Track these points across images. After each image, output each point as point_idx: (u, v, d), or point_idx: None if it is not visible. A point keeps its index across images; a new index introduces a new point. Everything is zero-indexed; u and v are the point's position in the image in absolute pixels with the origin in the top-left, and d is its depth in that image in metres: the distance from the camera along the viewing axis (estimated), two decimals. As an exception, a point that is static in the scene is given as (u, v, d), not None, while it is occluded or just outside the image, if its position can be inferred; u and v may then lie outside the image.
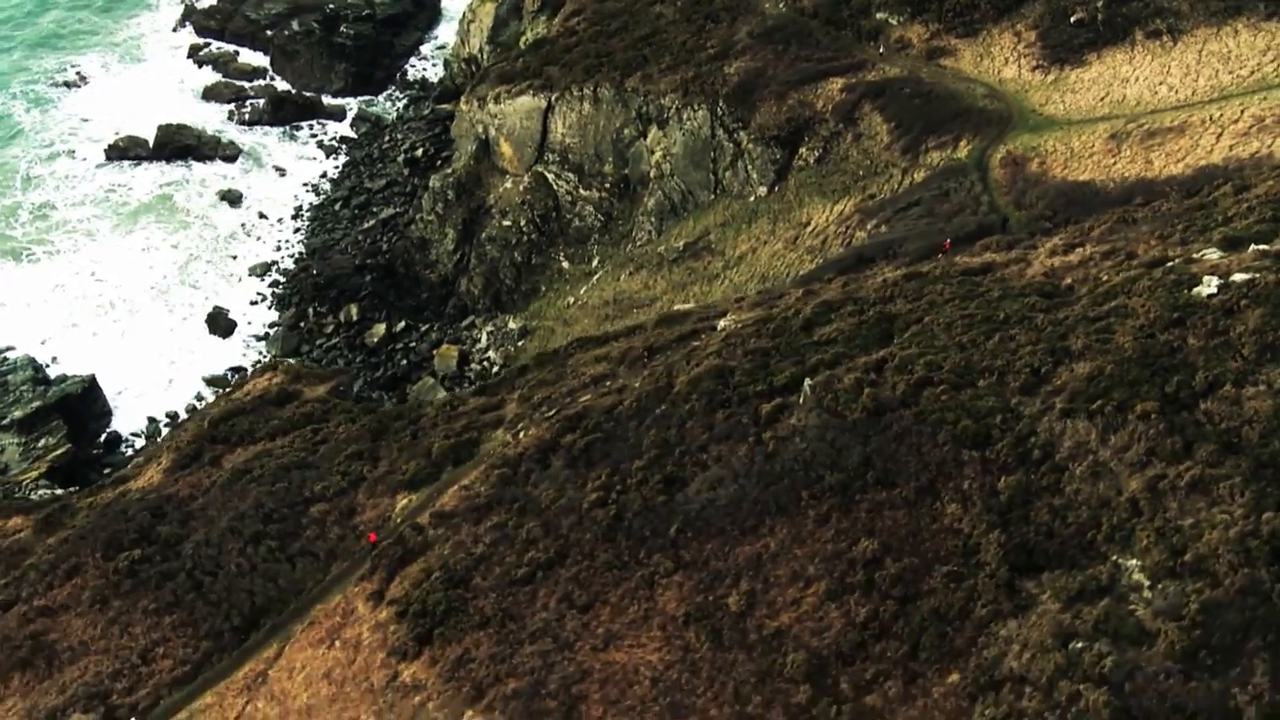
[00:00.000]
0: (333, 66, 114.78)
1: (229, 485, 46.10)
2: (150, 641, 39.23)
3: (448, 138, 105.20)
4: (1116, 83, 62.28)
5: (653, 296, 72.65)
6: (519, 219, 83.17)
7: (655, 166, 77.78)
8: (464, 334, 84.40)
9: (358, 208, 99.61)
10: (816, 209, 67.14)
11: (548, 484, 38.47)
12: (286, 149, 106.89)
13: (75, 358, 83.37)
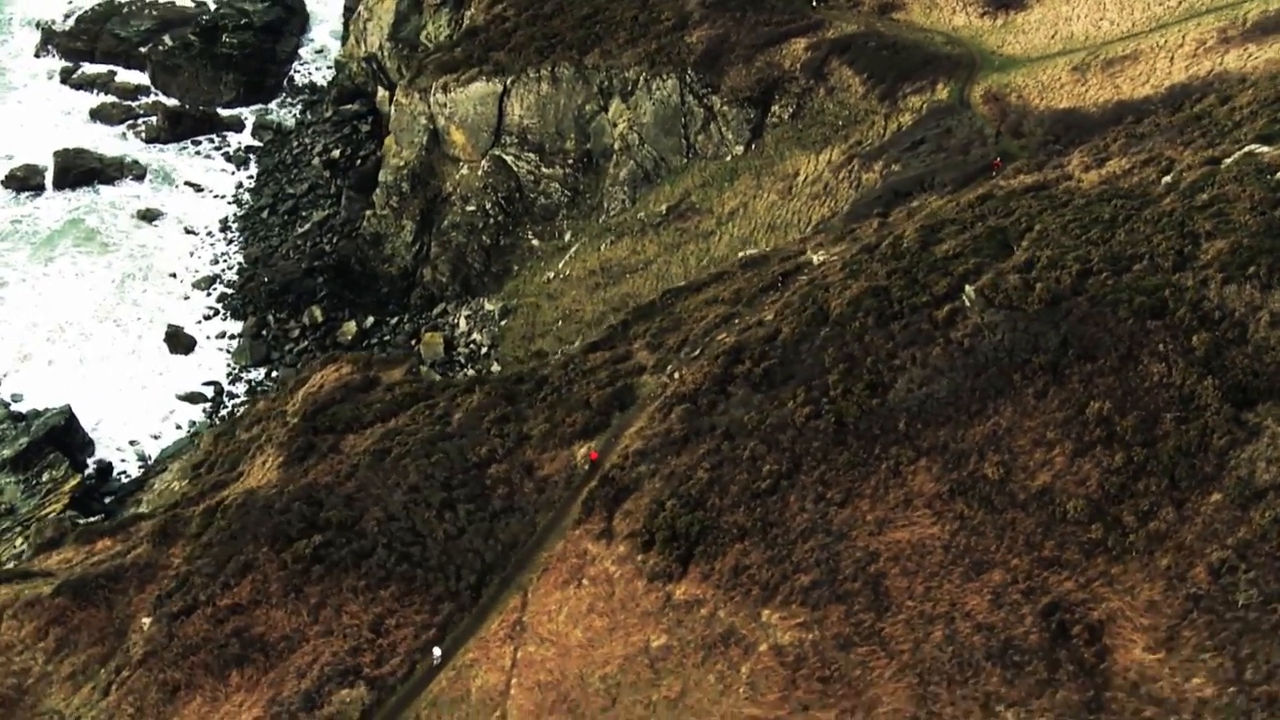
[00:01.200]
0: (220, 78, 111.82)
1: (375, 465, 46.72)
2: (375, 616, 39.97)
3: (360, 137, 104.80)
4: (1061, 21, 69.21)
5: (645, 260, 75.48)
6: (483, 202, 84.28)
7: (620, 138, 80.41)
8: (438, 321, 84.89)
9: (286, 214, 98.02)
10: (800, 160, 71.49)
11: (741, 410, 41.33)
12: (193, 164, 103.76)
13: (37, 390, 79.69)
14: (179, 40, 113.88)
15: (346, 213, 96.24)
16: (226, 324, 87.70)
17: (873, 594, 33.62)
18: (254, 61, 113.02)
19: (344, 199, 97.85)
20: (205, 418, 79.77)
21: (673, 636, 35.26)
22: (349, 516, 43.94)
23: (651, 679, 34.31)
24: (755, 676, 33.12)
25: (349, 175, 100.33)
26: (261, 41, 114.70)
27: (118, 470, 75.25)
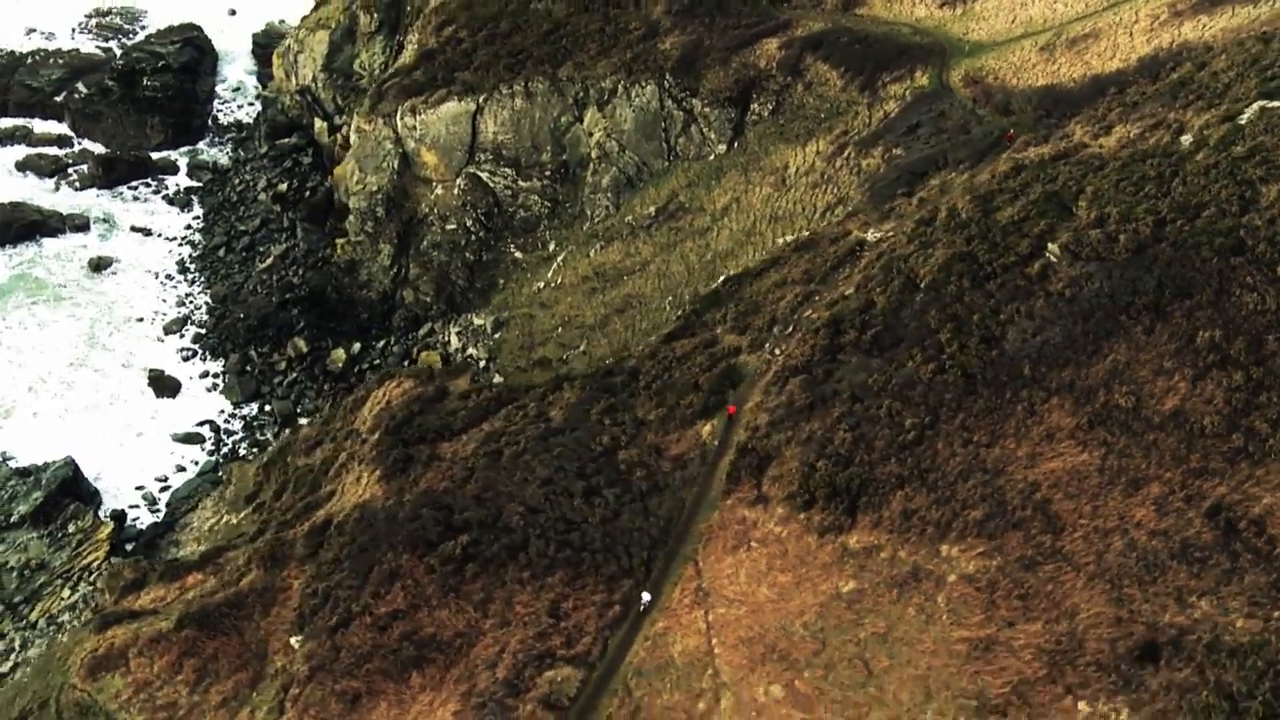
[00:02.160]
0: (145, 121, 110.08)
1: (493, 466, 48.29)
2: (549, 602, 41.68)
3: (303, 169, 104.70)
4: (1017, 7, 74.98)
5: (642, 261, 78.13)
6: (463, 220, 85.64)
7: (597, 146, 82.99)
8: (429, 341, 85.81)
9: (244, 251, 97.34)
10: (787, 154, 75.35)
11: (861, 374, 44.61)
12: (134, 209, 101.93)
13: (27, 445, 77.57)
14: (95, 87, 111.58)
15: (306, 244, 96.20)
16: (207, 364, 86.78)
17: (1044, 518, 37.21)
18: (178, 103, 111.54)
19: (299, 231, 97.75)
20: (208, 457, 78.96)
21: (860, 581, 38.18)
22: (487, 515, 45.41)
23: (853, 619, 37.16)
24: (954, 604, 36.32)
25: (299, 208, 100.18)
26: (182, 83, 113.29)
27: (131, 517, 73.83)
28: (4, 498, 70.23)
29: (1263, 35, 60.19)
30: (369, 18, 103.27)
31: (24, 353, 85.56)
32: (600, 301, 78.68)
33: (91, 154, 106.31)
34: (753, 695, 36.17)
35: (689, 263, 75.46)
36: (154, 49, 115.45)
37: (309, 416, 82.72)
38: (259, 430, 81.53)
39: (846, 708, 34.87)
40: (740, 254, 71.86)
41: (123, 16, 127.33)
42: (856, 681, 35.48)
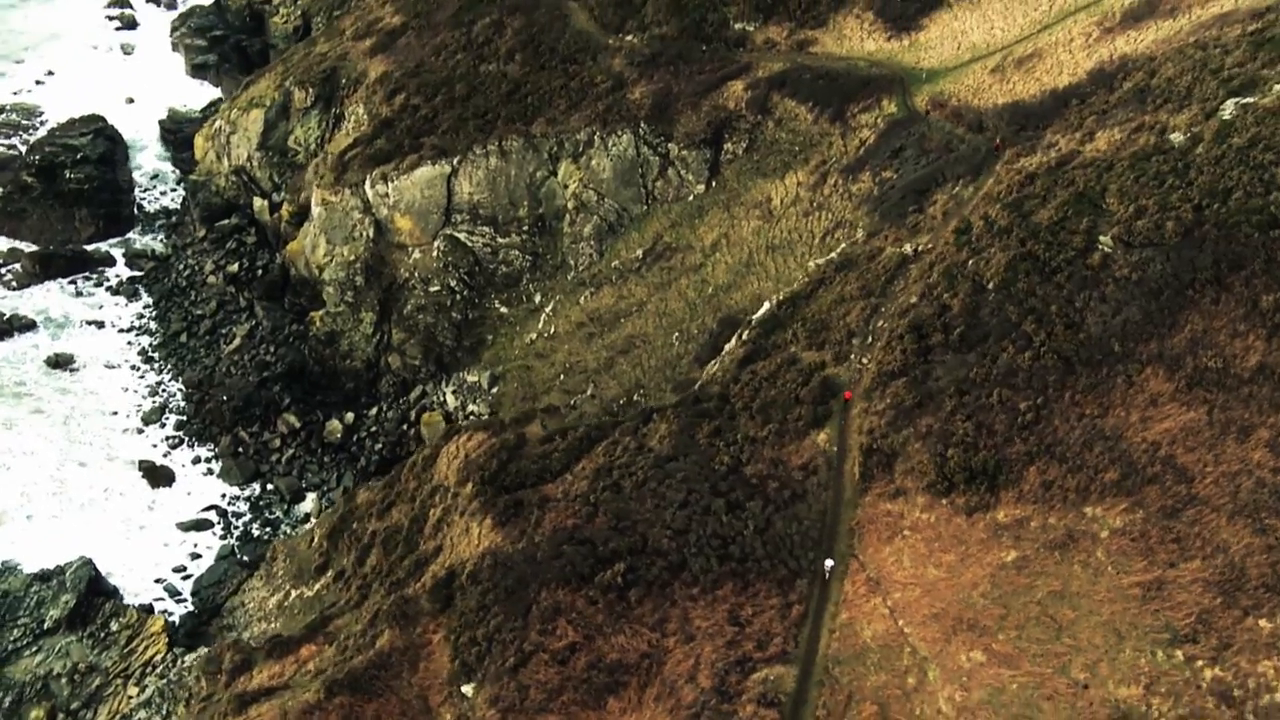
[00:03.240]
0: (73, 215, 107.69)
1: (618, 498, 50.72)
2: (726, 612, 44.42)
3: (247, 249, 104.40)
4: (959, 35, 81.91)
5: (638, 301, 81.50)
6: (446, 281, 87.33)
7: (573, 197, 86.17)
8: (424, 403, 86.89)
9: (206, 334, 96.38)
10: (766, 187, 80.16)
11: (961, 369, 49.12)
12: (80, 303, 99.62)
13: (30, 551, 75.25)
14: (13, 184, 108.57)
15: (270, 322, 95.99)
16: (196, 449, 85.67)
17: (1173, 471, 42.20)
18: (104, 193, 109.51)
19: (258, 310, 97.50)
20: (221, 541, 78.17)
21: (1020, 549, 42.34)
22: (634, 542, 47.82)
23: (1027, 583, 41.24)
24: (1114, 556, 40.82)
25: (254, 286, 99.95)
26: (104, 173, 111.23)
27: (159, 610, 72.47)
28: (30, 604, 68.12)
29: (1199, 43, 67.71)
30: (304, 93, 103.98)
31: (6, 456, 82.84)
32: (601, 345, 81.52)
33: (22, 252, 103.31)
34: (956, 664, 39.72)
35: (688, 299, 79.15)
36: (65, 142, 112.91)
37: (315, 490, 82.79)
38: (267, 510, 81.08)
39: (1049, 660, 38.78)
40: (744, 284, 76.00)
41: (19, 113, 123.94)
42: (1050, 635, 39.45)
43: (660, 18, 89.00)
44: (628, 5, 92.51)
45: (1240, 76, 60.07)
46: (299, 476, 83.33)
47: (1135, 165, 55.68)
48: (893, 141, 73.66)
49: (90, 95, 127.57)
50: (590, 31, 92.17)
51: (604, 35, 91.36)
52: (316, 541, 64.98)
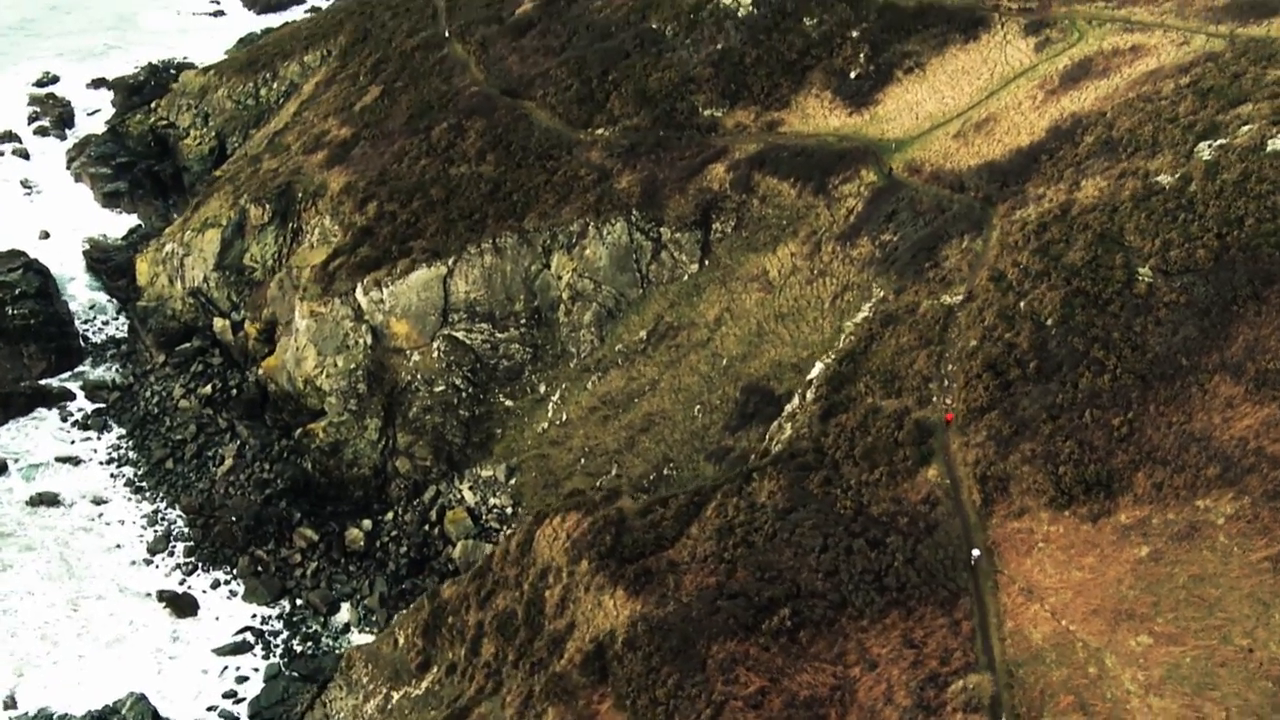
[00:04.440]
0: (20, 352, 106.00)
1: (754, 553, 55.10)
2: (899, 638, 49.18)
3: (214, 369, 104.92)
4: (913, 106, 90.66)
5: (650, 380, 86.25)
6: (451, 380, 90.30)
7: (568, 287, 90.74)
8: (443, 503, 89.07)
9: (193, 459, 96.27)
10: (759, 261, 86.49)
11: (1046, 397, 55.72)
12: (48, 442, 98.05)
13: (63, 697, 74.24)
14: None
15: (257, 440, 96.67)
16: (212, 573, 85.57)
17: (1266, 460, 49.42)
18: (51, 327, 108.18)
19: (240, 429, 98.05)
20: (265, 661, 78.42)
21: (1151, 544, 48.69)
22: (788, 589, 52.18)
23: (1166, 572, 47.51)
24: (1235, 538, 47.54)
25: (231, 406, 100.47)
26: (45, 307, 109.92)
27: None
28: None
29: (1142, 97, 77.64)
30: (260, 210, 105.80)
31: (6, 599, 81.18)
32: (618, 426, 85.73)
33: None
34: (1128, 649, 45.45)
35: (701, 373, 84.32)
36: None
37: (348, 599, 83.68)
38: (303, 624, 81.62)
39: (1209, 633, 44.92)
40: (759, 354, 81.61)
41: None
42: (1203, 613, 45.66)
43: (629, 110, 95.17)
44: (590, 101, 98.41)
45: (1200, 123, 69.82)
46: (328, 587, 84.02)
47: (1139, 205, 64.20)
48: (883, 207, 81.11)
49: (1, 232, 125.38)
50: (557, 129, 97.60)
51: (572, 131, 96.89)
52: (406, 641, 66.53)
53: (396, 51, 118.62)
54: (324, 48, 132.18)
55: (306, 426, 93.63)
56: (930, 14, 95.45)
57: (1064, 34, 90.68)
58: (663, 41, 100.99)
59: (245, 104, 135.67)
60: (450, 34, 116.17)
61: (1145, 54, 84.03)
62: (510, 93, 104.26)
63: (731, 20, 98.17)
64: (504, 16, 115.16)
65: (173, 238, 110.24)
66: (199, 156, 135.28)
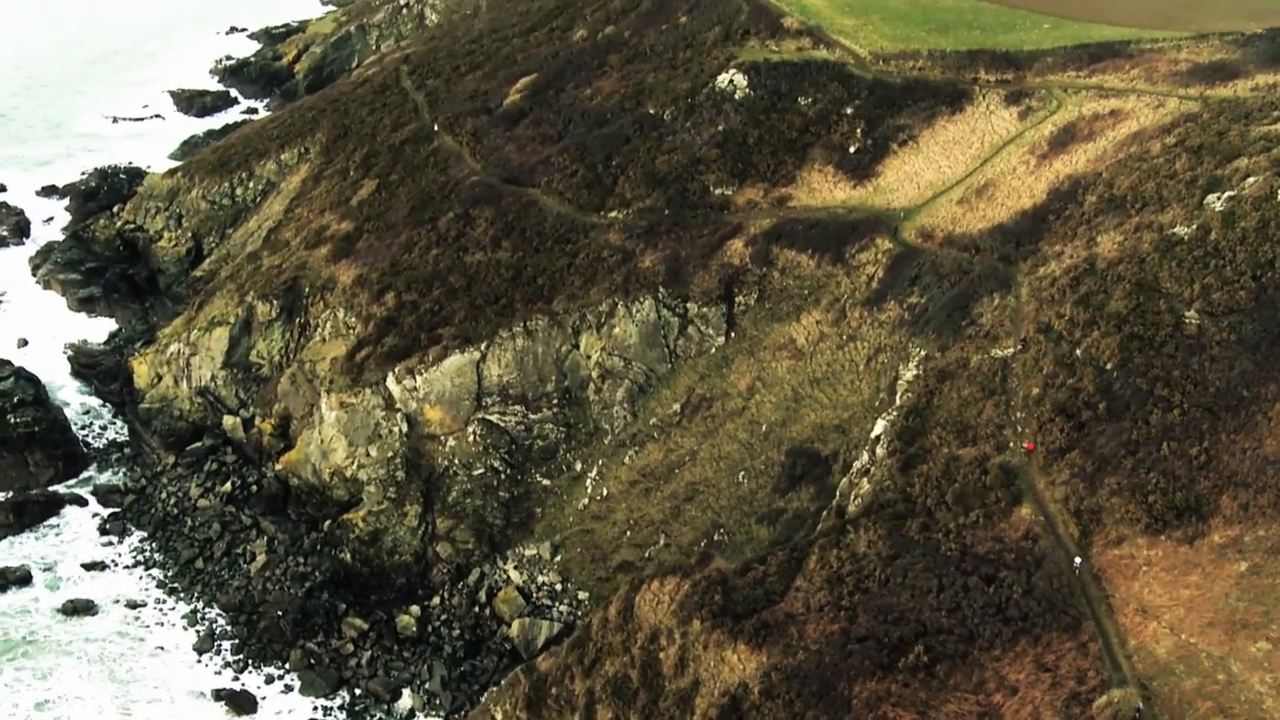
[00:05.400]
0: (27, 460, 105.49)
1: (870, 599, 59.07)
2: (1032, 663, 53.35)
3: (230, 467, 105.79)
4: (913, 176, 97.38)
5: (689, 451, 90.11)
6: (490, 462, 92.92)
7: (597, 366, 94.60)
8: (488, 584, 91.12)
9: (223, 557, 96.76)
10: (784, 330, 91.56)
11: (1120, 435, 61.23)
12: (69, 548, 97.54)
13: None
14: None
15: (285, 534, 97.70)
16: (265, 669, 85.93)
17: (1340, 477, 55.52)
18: (55, 434, 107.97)
19: (265, 525, 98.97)
20: (337, 749, 79.29)
21: (1248, 560, 54.01)
22: (915, 628, 56.16)
23: (1269, 583, 52.73)
24: (1326, 550, 53.21)
25: (253, 503, 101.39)
26: (46, 414, 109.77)
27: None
28: None
29: (1134, 157, 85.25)
30: (268, 306, 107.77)
31: (54, 706, 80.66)
32: (661, 497, 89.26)
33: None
34: (1250, 655, 50.37)
35: (741, 440, 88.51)
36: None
37: (408, 685, 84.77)
38: (366, 713, 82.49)
39: (1322, 634, 50.19)
40: (798, 418, 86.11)
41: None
42: (1312, 617, 50.96)
43: (640, 192, 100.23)
44: (599, 186, 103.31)
45: (1201, 178, 77.29)
46: (386, 675, 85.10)
47: (1166, 255, 70.97)
48: (905, 272, 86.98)
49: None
50: (569, 214, 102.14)
51: (584, 215, 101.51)
52: (506, 716, 68.40)
53: (385, 145, 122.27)
54: (300, 145, 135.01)
55: (341, 517, 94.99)
56: (916, 89, 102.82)
57: (1043, 102, 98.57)
58: (662, 125, 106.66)
59: (221, 204, 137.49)
60: (439, 127, 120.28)
61: (1125, 117, 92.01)
62: (513, 181, 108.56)
63: (730, 103, 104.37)
64: (492, 108, 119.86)
65: (176, 338, 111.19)
66: (175, 258, 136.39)
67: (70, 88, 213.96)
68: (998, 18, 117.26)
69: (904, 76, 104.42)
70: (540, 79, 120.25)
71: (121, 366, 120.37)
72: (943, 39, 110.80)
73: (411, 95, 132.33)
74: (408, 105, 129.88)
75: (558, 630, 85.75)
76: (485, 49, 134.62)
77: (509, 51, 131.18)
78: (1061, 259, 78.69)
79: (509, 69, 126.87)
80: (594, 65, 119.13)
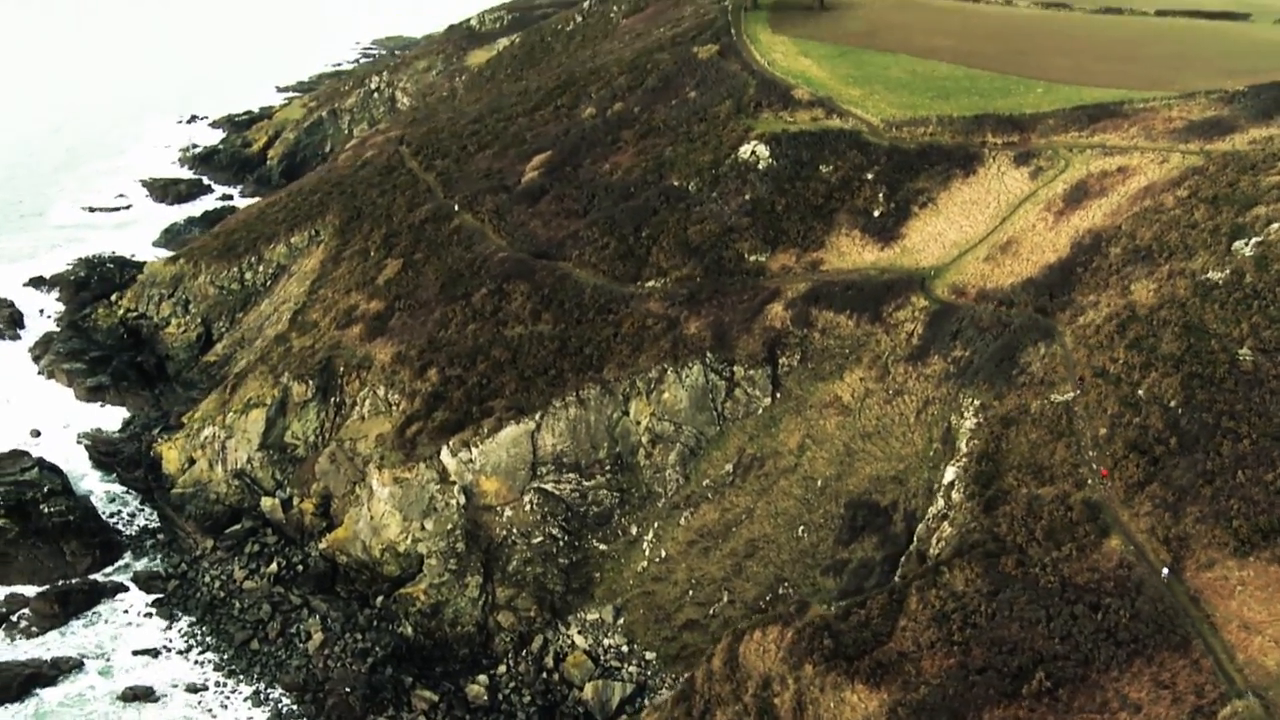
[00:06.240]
0: (63, 550, 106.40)
1: (982, 633, 63.37)
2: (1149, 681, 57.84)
3: (273, 548, 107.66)
4: (937, 236, 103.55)
5: (746, 509, 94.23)
6: (549, 530, 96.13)
7: (647, 431, 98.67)
8: (553, 649, 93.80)
9: (278, 637, 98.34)
10: (830, 388, 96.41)
11: (1196, 466, 66.63)
12: (119, 635, 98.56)
13: None
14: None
15: (337, 611, 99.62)
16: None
17: None
18: (90, 522, 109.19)
19: (316, 603, 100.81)
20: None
21: (1340, 574, 59.35)
22: (1033, 655, 60.49)
23: (1362, 596, 58.10)
24: (1407, 562, 58.72)
25: (298, 582, 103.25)
26: (77, 503, 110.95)
27: None
28: None
29: (1151, 210, 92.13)
30: (304, 387, 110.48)
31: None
32: (722, 555, 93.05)
33: (25, 596, 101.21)
34: (1354, 661, 55.47)
35: (796, 495, 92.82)
36: (13, 479, 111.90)
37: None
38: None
39: None
40: (854, 471, 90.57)
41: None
42: (1404, 624, 56.21)
43: (675, 262, 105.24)
44: (632, 257, 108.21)
45: (1223, 226, 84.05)
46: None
47: (1207, 297, 77.27)
48: (946, 327, 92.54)
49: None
50: (605, 285, 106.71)
51: (620, 286, 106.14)
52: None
53: (404, 225, 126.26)
54: (310, 228, 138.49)
55: (399, 591, 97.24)
56: (930, 154, 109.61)
57: (1051, 162, 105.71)
58: (688, 197, 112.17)
59: (229, 288, 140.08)
60: (459, 205, 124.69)
61: (1133, 173, 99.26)
62: (542, 255, 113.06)
63: (754, 172, 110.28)
64: (510, 185, 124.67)
65: (209, 422, 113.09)
66: (185, 344, 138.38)
67: (43, 178, 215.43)
68: (993, 84, 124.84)
69: (917, 142, 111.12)
70: (555, 156, 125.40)
71: (144, 453, 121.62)
72: (946, 105, 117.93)
73: (421, 176, 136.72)
74: (419, 186, 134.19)
75: (631, 690, 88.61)
76: (490, 129, 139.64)
77: (516, 130, 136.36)
78: (1099, 308, 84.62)
79: (519, 147, 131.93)
80: (608, 141, 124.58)
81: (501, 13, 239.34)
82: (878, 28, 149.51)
